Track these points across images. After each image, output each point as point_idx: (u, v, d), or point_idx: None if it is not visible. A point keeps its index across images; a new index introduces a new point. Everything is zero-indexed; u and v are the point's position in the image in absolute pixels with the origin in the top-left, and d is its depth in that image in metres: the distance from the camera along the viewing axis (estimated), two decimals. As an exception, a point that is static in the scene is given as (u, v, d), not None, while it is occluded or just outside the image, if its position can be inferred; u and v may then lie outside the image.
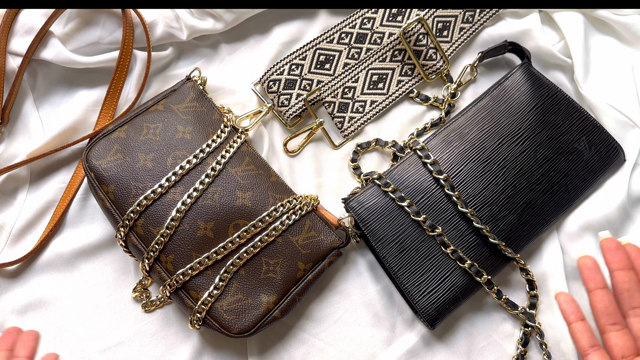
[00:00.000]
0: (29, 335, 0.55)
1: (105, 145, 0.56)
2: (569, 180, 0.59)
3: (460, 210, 0.56)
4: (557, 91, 0.62)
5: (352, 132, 0.65)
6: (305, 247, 0.55)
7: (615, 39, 0.68)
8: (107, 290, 0.59)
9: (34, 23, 0.62)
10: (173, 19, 0.65)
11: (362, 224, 0.55)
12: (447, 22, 0.67)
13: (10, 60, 0.62)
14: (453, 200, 0.56)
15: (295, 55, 0.65)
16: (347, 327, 0.58)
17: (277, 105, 0.64)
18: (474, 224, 0.55)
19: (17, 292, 0.59)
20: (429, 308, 0.54)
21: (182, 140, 0.56)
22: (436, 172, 0.57)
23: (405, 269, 0.55)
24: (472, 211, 0.55)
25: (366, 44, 0.67)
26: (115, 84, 0.63)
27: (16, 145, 0.63)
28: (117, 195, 0.54)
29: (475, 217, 0.55)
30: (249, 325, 0.52)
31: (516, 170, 0.58)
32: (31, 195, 0.61)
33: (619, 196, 0.59)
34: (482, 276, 0.55)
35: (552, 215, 0.58)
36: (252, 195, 0.55)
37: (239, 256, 0.53)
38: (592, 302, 0.54)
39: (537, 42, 0.65)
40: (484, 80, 0.68)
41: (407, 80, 0.66)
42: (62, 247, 0.60)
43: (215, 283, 0.52)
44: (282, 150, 0.64)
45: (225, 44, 0.69)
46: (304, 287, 0.55)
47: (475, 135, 0.59)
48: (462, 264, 0.55)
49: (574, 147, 0.60)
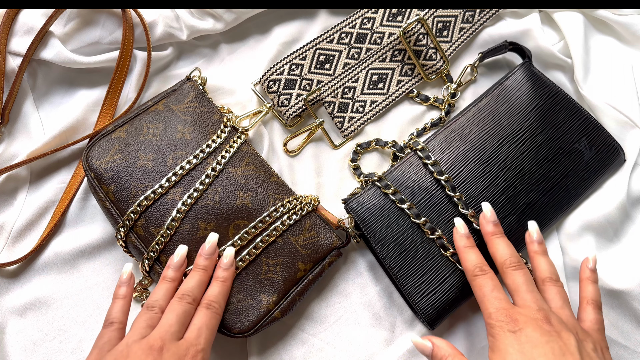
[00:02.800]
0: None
1: (105, 145, 0.56)
2: (569, 181, 0.59)
3: (461, 212, 0.56)
4: (557, 91, 0.62)
5: (352, 132, 0.65)
6: (306, 248, 0.55)
7: (615, 39, 0.68)
8: (107, 290, 0.59)
9: (34, 23, 0.62)
10: (173, 19, 0.65)
11: (362, 225, 0.55)
12: (447, 22, 0.67)
13: (10, 60, 0.62)
14: (454, 201, 0.56)
15: (295, 55, 0.65)
16: (347, 327, 0.58)
17: (277, 105, 0.64)
18: (474, 225, 0.55)
19: (17, 292, 0.59)
20: (429, 309, 0.54)
21: (182, 140, 0.56)
22: (437, 173, 0.57)
23: (405, 269, 0.55)
24: (473, 212, 0.55)
25: (366, 44, 0.67)
26: (115, 84, 0.63)
27: (16, 145, 0.63)
28: (117, 196, 0.54)
29: (476, 219, 0.55)
30: (249, 325, 0.52)
31: (516, 170, 0.58)
32: (31, 195, 0.61)
33: (619, 196, 0.59)
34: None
35: (552, 216, 0.58)
36: (253, 195, 0.55)
37: (241, 258, 0.53)
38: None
39: (537, 42, 0.65)
40: (484, 80, 0.68)
41: (407, 80, 0.66)
42: (62, 247, 0.60)
43: (216, 283, 0.53)
44: (282, 150, 0.64)
45: (225, 44, 0.69)
46: (304, 287, 0.55)
47: (475, 136, 0.59)
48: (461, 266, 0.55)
49: (574, 148, 0.60)
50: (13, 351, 0.56)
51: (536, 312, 0.44)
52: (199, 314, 0.48)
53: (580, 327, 0.46)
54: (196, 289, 0.49)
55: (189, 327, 0.47)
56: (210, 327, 0.48)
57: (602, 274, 0.57)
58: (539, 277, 0.50)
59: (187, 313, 0.48)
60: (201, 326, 0.47)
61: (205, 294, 0.50)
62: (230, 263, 0.52)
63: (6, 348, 0.56)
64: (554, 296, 0.48)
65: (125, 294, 0.50)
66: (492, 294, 0.46)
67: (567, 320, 0.46)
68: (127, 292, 0.50)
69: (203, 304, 0.49)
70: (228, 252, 0.52)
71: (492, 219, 0.52)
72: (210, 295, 0.50)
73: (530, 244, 0.52)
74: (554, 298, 0.48)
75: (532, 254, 0.52)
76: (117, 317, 0.48)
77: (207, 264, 0.51)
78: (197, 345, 0.45)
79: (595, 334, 0.46)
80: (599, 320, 0.48)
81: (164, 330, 0.45)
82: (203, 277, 0.51)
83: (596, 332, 0.47)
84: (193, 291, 0.49)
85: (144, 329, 0.46)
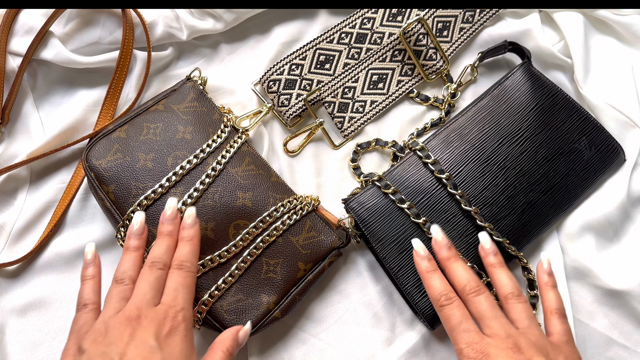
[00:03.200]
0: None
1: (105, 145, 0.56)
2: (569, 181, 0.59)
3: (463, 209, 0.56)
4: (557, 91, 0.62)
5: (352, 132, 0.65)
6: (306, 247, 0.55)
7: (615, 39, 0.68)
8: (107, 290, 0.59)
9: (34, 23, 0.62)
10: (173, 19, 0.65)
11: (362, 225, 0.55)
12: (447, 22, 0.67)
13: (10, 60, 0.62)
14: (456, 198, 0.56)
15: (295, 55, 0.65)
16: (347, 327, 0.58)
17: (277, 105, 0.64)
18: (478, 222, 0.55)
19: (17, 292, 0.59)
20: (429, 309, 0.54)
21: (183, 140, 0.56)
22: (438, 171, 0.57)
23: (405, 269, 0.55)
24: (476, 209, 0.55)
25: (366, 44, 0.67)
26: (115, 84, 0.63)
27: (16, 145, 0.63)
28: (117, 195, 0.54)
29: (479, 215, 0.55)
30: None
31: (516, 170, 0.58)
32: (31, 195, 0.61)
33: (619, 196, 0.59)
34: (481, 278, 0.55)
35: (552, 216, 0.58)
36: (253, 195, 0.55)
37: (243, 259, 0.53)
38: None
39: (537, 42, 0.65)
40: (484, 80, 0.68)
41: (407, 80, 0.66)
42: (62, 247, 0.60)
43: (218, 284, 0.52)
44: (282, 150, 0.64)
45: (225, 44, 0.69)
46: (304, 287, 0.55)
47: (475, 136, 0.59)
48: (462, 264, 0.55)
49: (574, 147, 0.60)
50: (13, 351, 0.56)
51: (505, 341, 0.43)
52: (172, 276, 0.46)
53: (550, 344, 0.45)
54: (165, 255, 0.47)
55: (164, 291, 0.45)
56: (186, 286, 0.46)
57: (602, 274, 0.57)
58: (501, 293, 0.48)
59: (160, 279, 0.46)
60: (176, 287, 0.45)
61: (174, 255, 0.48)
62: (194, 222, 0.50)
63: (6, 348, 0.56)
64: (519, 314, 0.46)
65: (93, 274, 0.49)
66: (461, 327, 0.45)
67: (536, 340, 0.44)
68: (95, 272, 0.49)
69: (174, 266, 0.47)
70: (189, 211, 0.50)
71: (444, 242, 0.50)
72: (179, 255, 0.48)
73: (485, 257, 0.50)
74: (520, 317, 0.46)
75: (490, 268, 0.50)
76: (89, 297, 0.47)
77: (171, 229, 0.49)
78: (175, 306, 0.44)
79: (565, 347, 0.45)
80: (566, 330, 0.47)
81: (138, 299, 0.44)
82: (170, 242, 0.49)
83: (565, 344, 0.46)
84: (162, 257, 0.47)
85: (117, 302, 0.44)
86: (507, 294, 0.48)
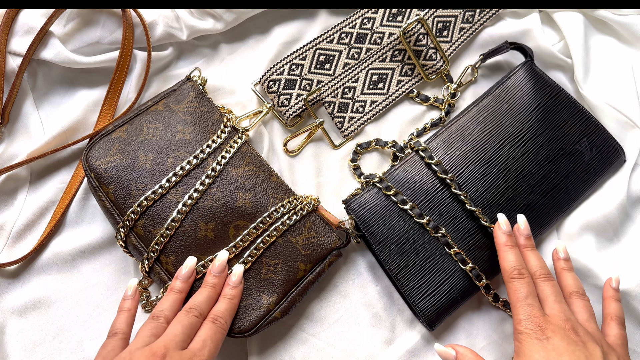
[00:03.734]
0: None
1: (105, 145, 0.56)
2: (570, 182, 0.59)
3: (466, 210, 0.56)
4: (559, 91, 0.61)
5: (352, 132, 0.65)
6: (306, 248, 0.55)
7: (615, 39, 0.68)
8: (107, 290, 0.59)
9: (34, 23, 0.62)
10: (173, 19, 0.65)
11: (363, 226, 0.55)
12: (447, 22, 0.67)
13: (10, 60, 0.62)
14: (460, 199, 0.56)
15: (295, 55, 0.65)
16: (347, 327, 0.58)
17: (277, 105, 0.64)
18: (482, 222, 0.55)
19: (17, 292, 0.59)
20: (429, 310, 0.54)
21: (183, 140, 0.56)
22: (441, 172, 0.56)
23: (406, 271, 0.55)
24: (479, 210, 0.55)
25: (366, 44, 0.67)
26: (115, 84, 0.63)
27: (16, 145, 0.63)
28: (117, 196, 0.54)
29: (483, 215, 0.55)
30: (249, 326, 0.52)
31: (517, 172, 0.58)
32: (31, 195, 0.61)
33: (619, 196, 0.59)
34: (481, 280, 0.55)
35: (552, 217, 0.58)
36: (253, 195, 0.55)
37: (243, 260, 0.53)
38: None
39: (537, 42, 0.65)
40: (484, 80, 0.68)
41: (407, 80, 0.66)
42: (62, 247, 0.60)
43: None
44: (282, 150, 0.64)
45: (225, 44, 0.69)
46: (304, 288, 0.55)
47: (476, 137, 0.59)
48: (464, 265, 0.55)
49: (575, 149, 0.60)
50: (13, 351, 0.56)
51: (564, 322, 0.46)
52: (205, 327, 0.48)
53: (605, 341, 0.47)
54: (204, 304, 0.50)
55: (194, 339, 0.47)
56: (215, 341, 0.48)
57: (602, 274, 0.57)
58: (566, 290, 0.51)
59: (193, 326, 0.48)
60: (206, 338, 0.47)
61: (213, 309, 0.50)
62: (239, 281, 0.52)
63: (6, 348, 0.56)
64: (581, 309, 0.49)
65: (129, 307, 0.51)
66: (526, 301, 0.48)
67: (593, 332, 0.47)
68: (131, 306, 0.51)
69: (209, 318, 0.49)
70: (237, 269, 0.52)
71: (526, 232, 0.54)
72: (217, 310, 0.50)
73: (557, 260, 0.54)
74: (581, 311, 0.49)
75: (560, 270, 0.53)
76: (120, 328, 0.49)
77: (216, 281, 0.52)
78: (200, 355, 0.45)
79: (619, 349, 0.48)
80: (622, 335, 0.50)
81: (168, 339, 0.45)
82: (212, 293, 0.51)
83: (620, 346, 0.48)
84: (201, 306, 0.49)
85: (148, 337, 0.46)
86: (572, 291, 0.51)
